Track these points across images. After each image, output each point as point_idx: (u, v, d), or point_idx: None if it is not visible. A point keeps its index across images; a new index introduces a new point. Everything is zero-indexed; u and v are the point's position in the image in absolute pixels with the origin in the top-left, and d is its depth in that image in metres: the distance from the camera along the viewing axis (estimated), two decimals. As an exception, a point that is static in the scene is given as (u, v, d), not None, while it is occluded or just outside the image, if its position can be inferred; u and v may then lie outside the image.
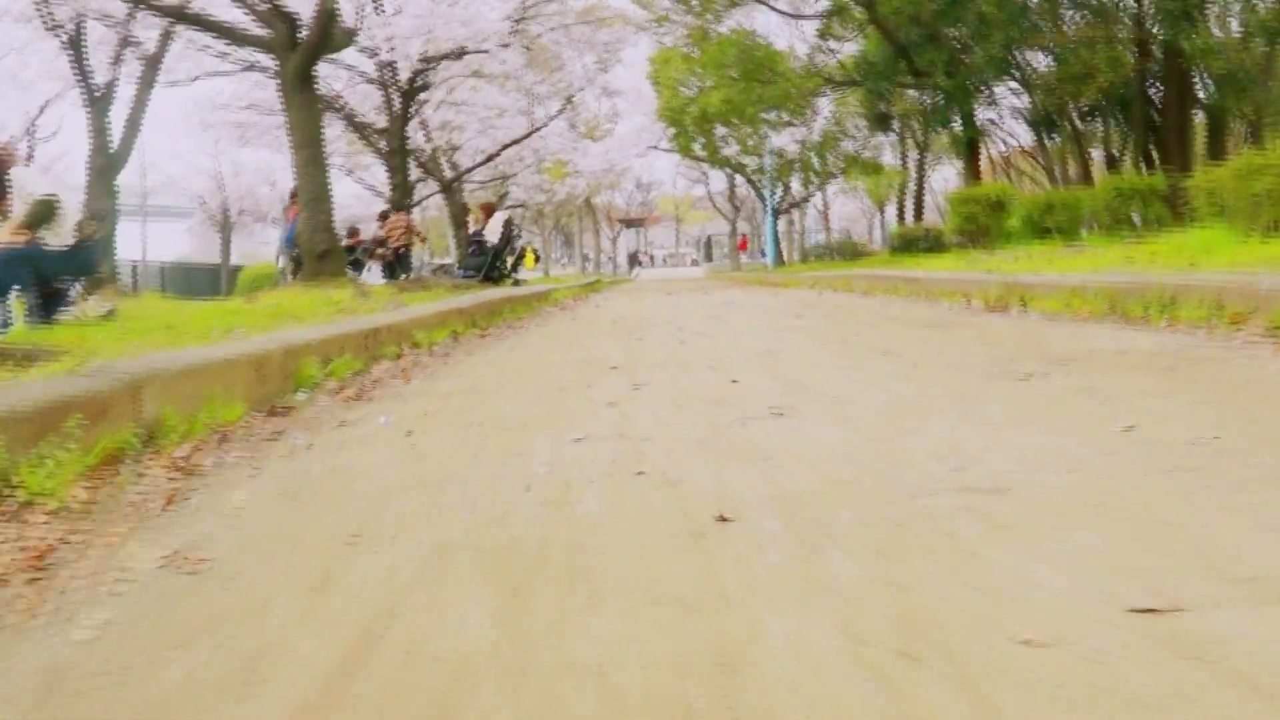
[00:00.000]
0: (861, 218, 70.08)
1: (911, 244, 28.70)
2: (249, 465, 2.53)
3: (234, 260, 37.12)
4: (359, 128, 18.79)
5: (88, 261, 7.00)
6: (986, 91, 24.18)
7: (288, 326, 5.42)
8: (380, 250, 16.21)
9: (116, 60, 13.63)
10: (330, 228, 9.04)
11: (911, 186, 39.95)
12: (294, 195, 18.22)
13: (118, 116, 14.59)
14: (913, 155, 39.72)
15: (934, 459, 2.23)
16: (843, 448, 2.43)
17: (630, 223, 70.14)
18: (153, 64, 13.73)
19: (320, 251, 8.87)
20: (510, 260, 22.70)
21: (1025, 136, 40.03)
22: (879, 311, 8.25)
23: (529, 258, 26.70)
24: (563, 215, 55.85)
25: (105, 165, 13.27)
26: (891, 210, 59.73)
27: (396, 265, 16.52)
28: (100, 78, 13.56)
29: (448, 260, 15.31)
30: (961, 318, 6.96)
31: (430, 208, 43.43)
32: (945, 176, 58.71)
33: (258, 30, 9.17)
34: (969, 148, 23.92)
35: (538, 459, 2.45)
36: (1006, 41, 19.93)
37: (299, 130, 8.91)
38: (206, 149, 30.36)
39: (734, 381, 3.85)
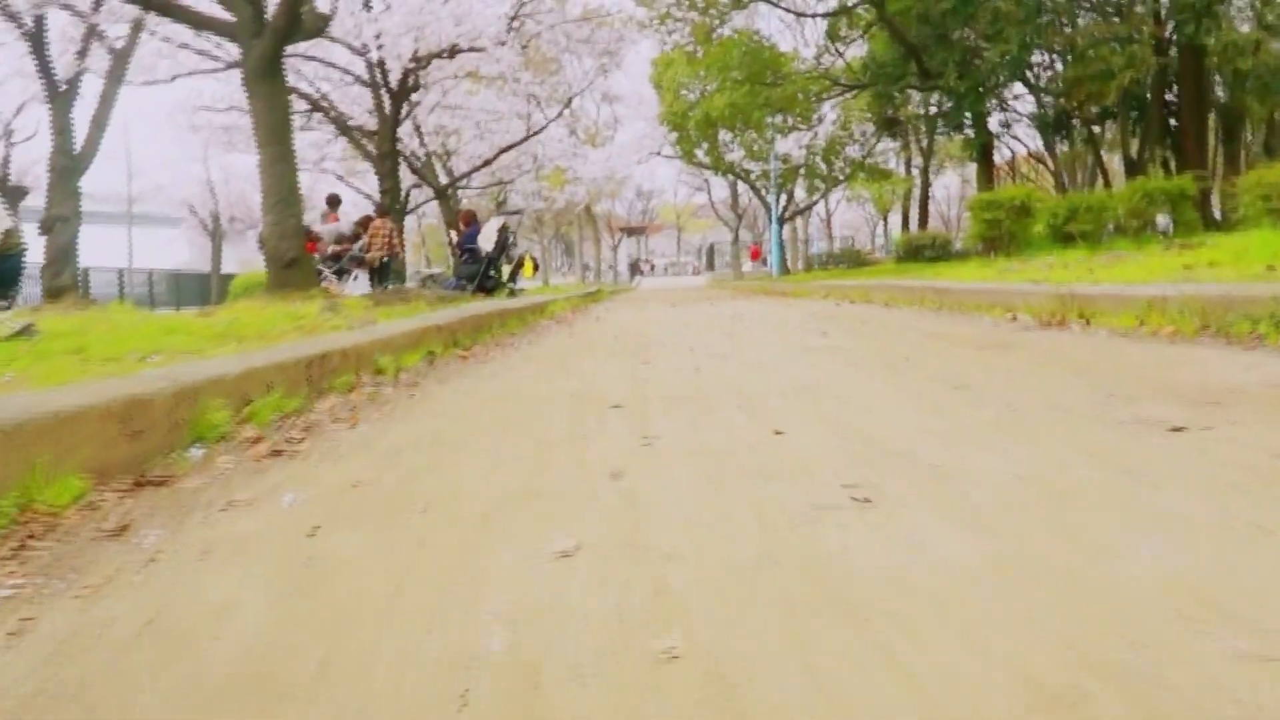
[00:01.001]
0: (864, 225, 69.38)
1: (917, 252, 27.83)
2: (26, 607, 1.57)
3: (231, 268, 36.24)
4: (346, 129, 17.86)
5: (8, 275, 6.06)
6: (1000, 93, 23.24)
7: (219, 349, 4.47)
8: (368, 257, 15.27)
9: (82, 54, 12.67)
10: (299, 233, 8.11)
11: (916, 193, 39.14)
12: (331, 203, 17.37)
13: (85, 115, 13.65)
14: (916, 162, 38.88)
15: (1197, 630, 1.28)
16: (1010, 593, 1.47)
17: (631, 231, 69.42)
18: (121, 59, 12.79)
19: (287, 259, 7.93)
20: (508, 269, 21.82)
21: (1030, 142, 39.27)
22: (915, 327, 7.30)
23: (528, 266, 25.75)
24: (563, 224, 55.01)
25: (68, 166, 12.33)
26: (895, 218, 59.10)
27: (383, 273, 15.58)
28: (64, 73, 12.59)
29: (437, 269, 14.36)
30: (1018, 335, 6.01)
31: (429, 214, 42.58)
32: (946, 184, 58.03)
33: (222, 14, 8.23)
34: (982, 152, 22.97)
35: (494, 607, 1.49)
36: (1024, 39, 19.02)
37: (264, 125, 7.97)
38: (195, 154, 29.40)
39: (778, 433, 2.90)
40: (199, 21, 8.22)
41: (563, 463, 2.62)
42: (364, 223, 16.10)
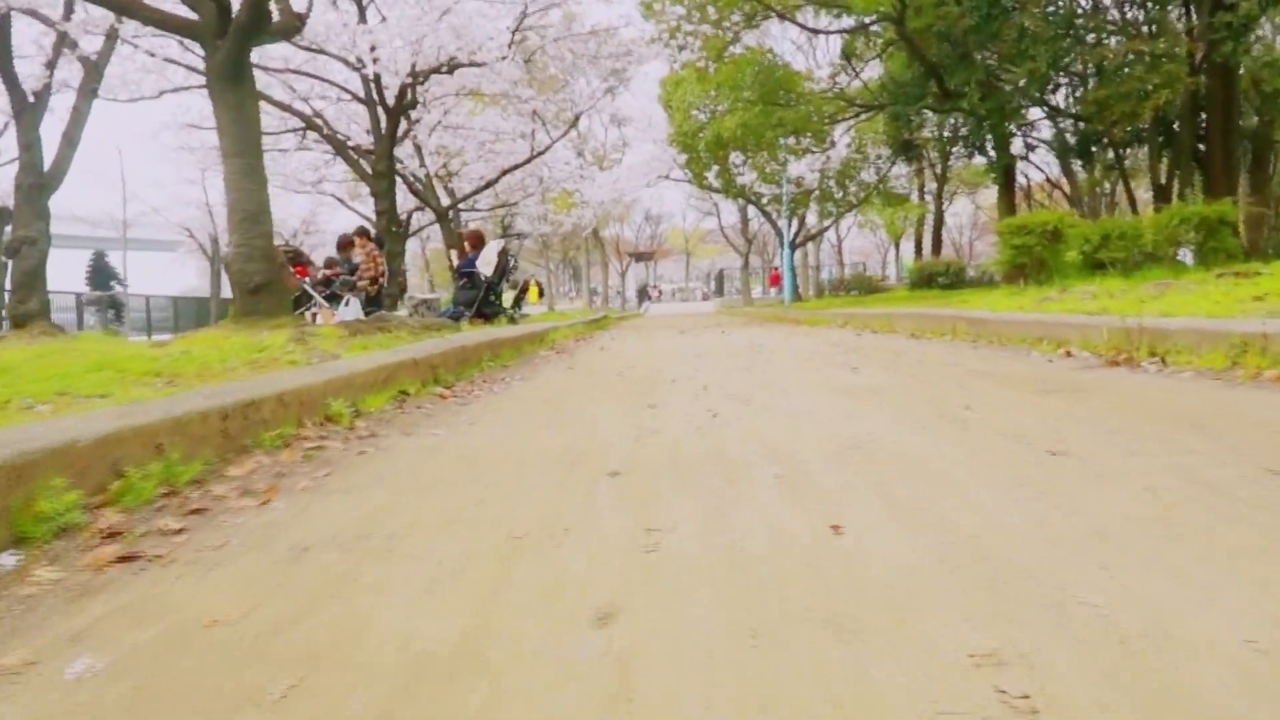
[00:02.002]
0: (875, 252, 68.67)
1: (931, 279, 27.07)
2: None
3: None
4: (341, 148, 17.10)
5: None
6: (1025, 114, 22.43)
7: (136, 392, 3.65)
8: (360, 283, 14.48)
9: (51, 65, 11.92)
10: (269, 255, 7.30)
11: (928, 219, 38.35)
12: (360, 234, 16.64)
13: (56, 131, 12.89)
14: (929, 187, 38.12)
15: None
16: None
17: (639, 256, 68.80)
18: (93, 71, 12.02)
19: (254, 284, 7.12)
20: (512, 295, 21.04)
21: (1045, 169, 38.50)
22: (956, 362, 6.46)
23: (533, 291, 24.94)
24: (570, 248, 54.34)
25: (35, 185, 11.54)
26: (906, 245, 58.35)
27: (377, 299, 14.79)
28: (32, 84, 11.82)
29: (431, 295, 13.59)
30: (1084, 375, 5.17)
31: (434, 238, 41.86)
32: (957, 211, 57.26)
33: (185, 13, 7.45)
34: (1005, 174, 22.16)
35: None
36: (1051, 57, 18.23)
37: (230, 134, 7.17)
38: (190, 175, 28.70)
39: (836, 529, 2.06)
40: (159, 20, 7.44)
41: (527, 586, 1.77)
42: (343, 247, 15.34)
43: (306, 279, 14.95)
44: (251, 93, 7.45)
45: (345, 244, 15.75)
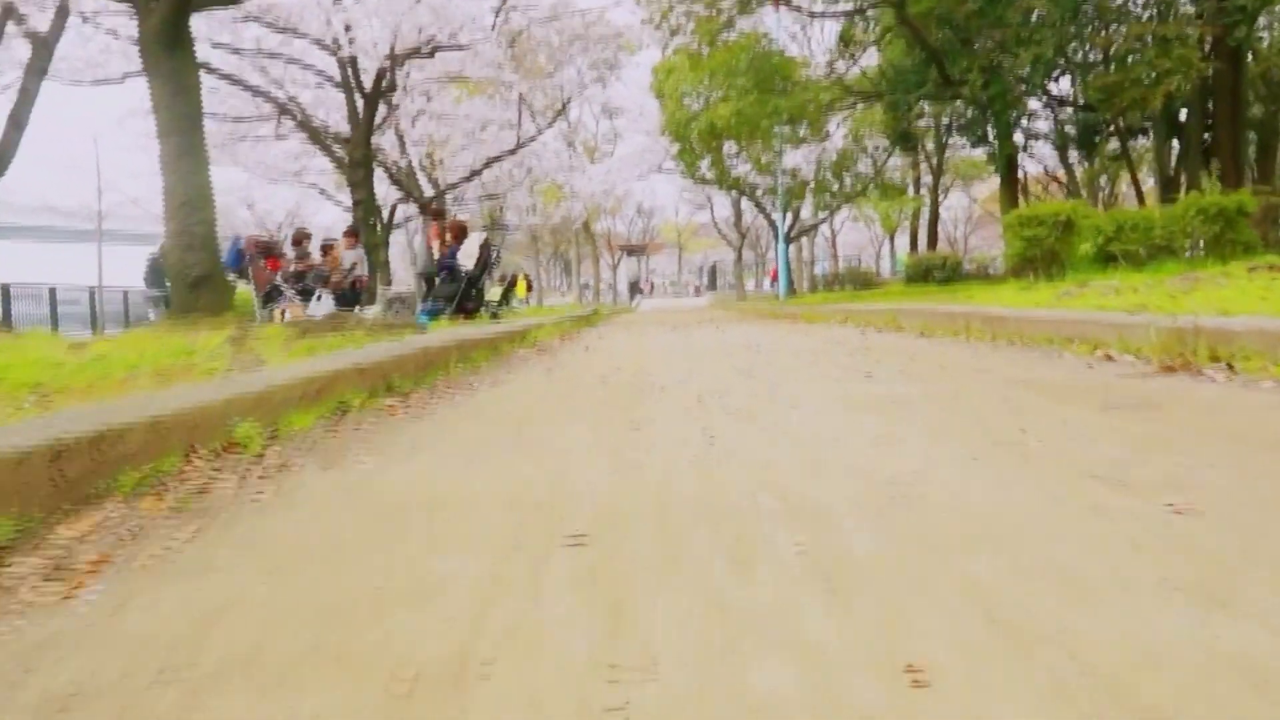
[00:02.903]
0: (869, 246, 67.87)
1: (927, 273, 26.31)
2: None
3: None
4: (315, 134, 16.29)
5: None
6: (1028, 102, 21.66)
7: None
8: (334, 279, 13.69)
9: (-6, 42, 11.10)
10: (211, 245, 6.53)
11: (925, 212, 37.59)
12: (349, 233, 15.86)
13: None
14: (925, 180, 37.36)
15: None
16: None
17: (631, 250, 68.05)
18: (42, 48, 11.19)
19: (194, 277, 6.34)
20: (499, 290, 20.23)
21: (1044, 162, 37.73)
22: (983, 367, 5.70)
23: (520, 286, 24.17)
24: (561, 241, 53.55)
25: (-22, 171, 10.72)
26: (900, 239, 57.56)
27: (352, 296, 14.00)
28: (-25, 65, 11.01)
29: (407, 290, 12.80)
30: (1143, 385, 4.41)
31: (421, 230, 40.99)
32: (950, 205, 56.47)
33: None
34: (1008, 165, 21.40)
35: None
36: (1059, 41, 17.47)
37: (166, 109, 6.40)
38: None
39: (915, 678, 1.29)
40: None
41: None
42: (298, 239, 14.56)
43: (279, 273, 14.14)
44: (190, 62, 6.65)
45: (300, 237, 14.95)
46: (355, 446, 3.47)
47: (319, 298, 13.22)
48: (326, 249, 14.42)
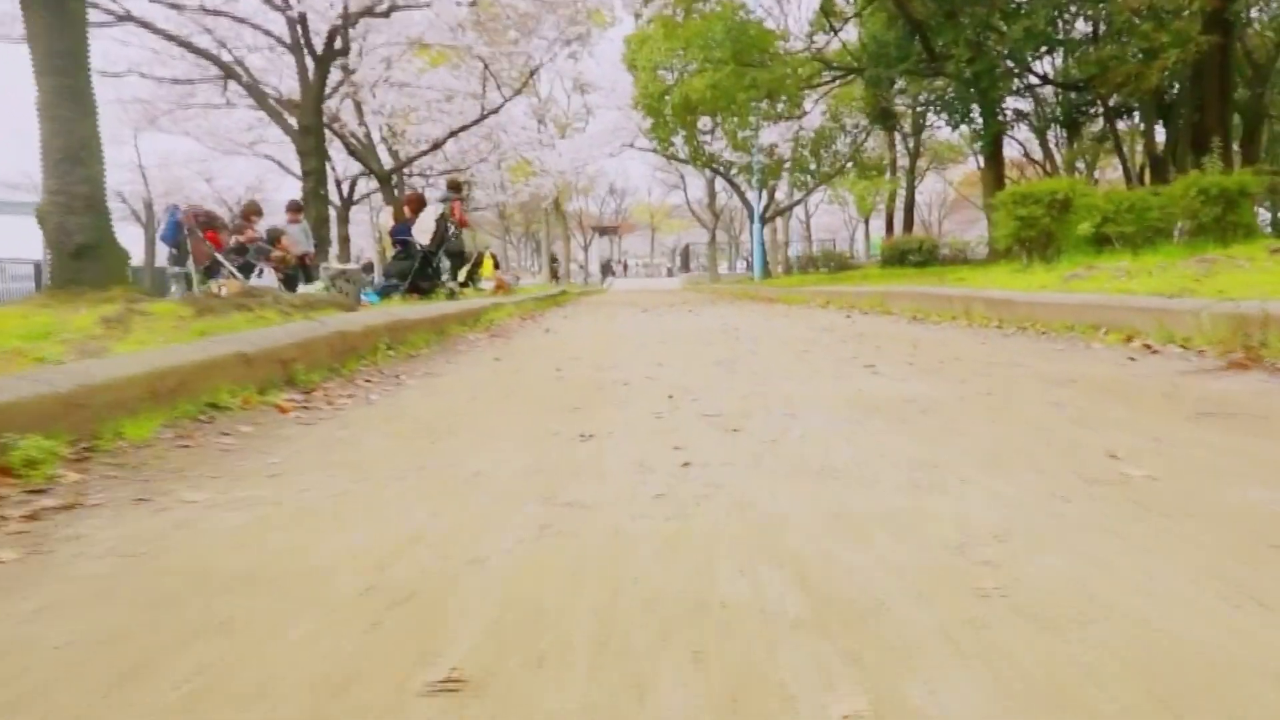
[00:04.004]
0: (843, 229, 67.11)
1: (903, 256, 25.58)
2: None
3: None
4: (261, 97, 15.21)
5: None
6: (1014, 79, 20.81)
7: None
8: (276, 256, 12.68)
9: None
10: (98, 207, 5.55)
11: (902, 195, 36.78)
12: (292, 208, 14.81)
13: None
14: (901, 163, 36.52)
15: None
16: None
17: (603, 230, 67.12)
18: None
19: (76, 246, 5.36)
20: (462, 269, 19.24)
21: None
22: (1007, 360, 4.82)
23: (487, 264, 23.08)
24: (532, 221, 52.46)
25: None
26: (875, 222, 56.72)
27: (298, 275, 12.98)
28: None
29: (351, 265, 11.83)
30: (1221, 385, 3.55)
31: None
32: (925, 188, 55.70)
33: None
34: (993, 144, 20.58)
35: None
36: (1051, 13, 16.61)
37: (43, 44, 5.38)
38: (118, 134, 26.41)
39: None
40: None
41: None
42: (246, 213, 13.56)
43: (217, 246, 13.11)
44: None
45: (250, 211, 13.93)
46: (201, 465, 2.54)
47: (260, 274, 12.21)
48: (275, 240, 13.38)
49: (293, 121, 15.03)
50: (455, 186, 17.36)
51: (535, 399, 3.90)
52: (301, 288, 11.12)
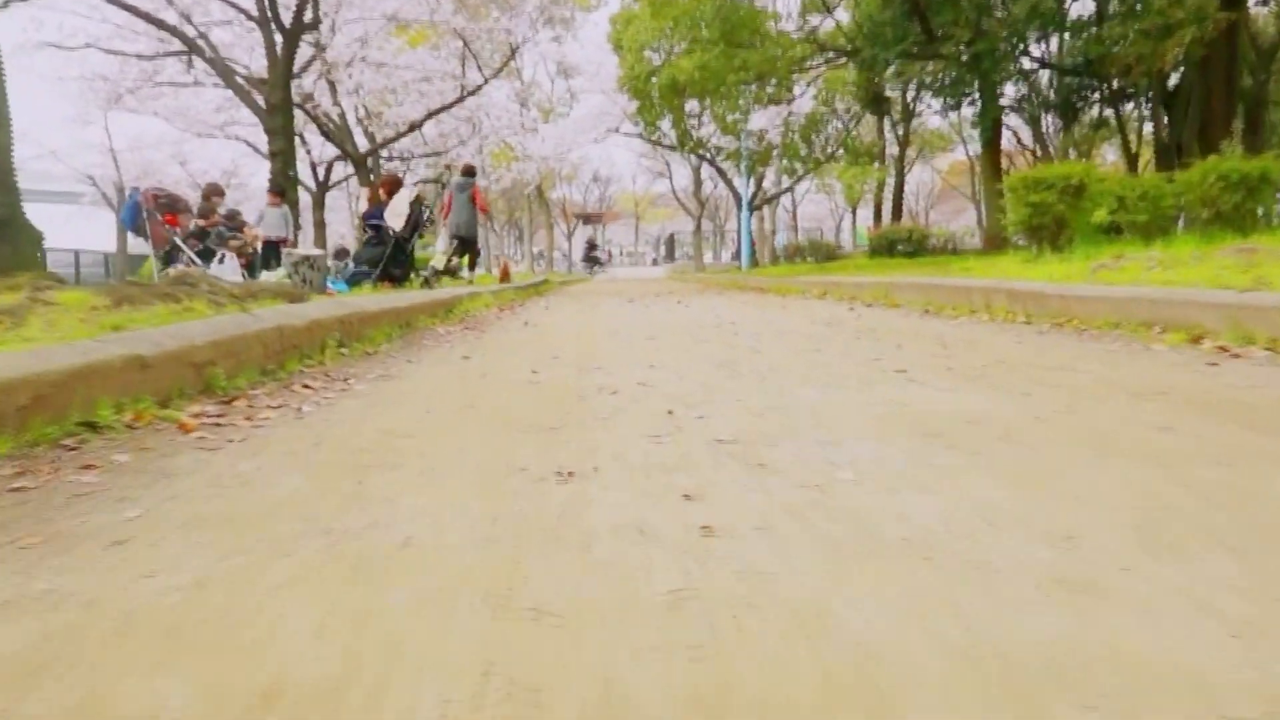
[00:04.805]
0: (829, 218, 66.45)
1: (892, 246, 24.93)
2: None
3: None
4: (226, 73, 14.38)
5: None
6: (1016, 61, 20.11)
7: None
8: (233, 242, 11.90)
9: None
10: (6, 182, 4.76)
11: (890, 183, 36.10)
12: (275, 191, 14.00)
13: None
14: (891, 152, 35.83)
15: None
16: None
17: (587, 219, 66.37)
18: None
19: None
20: (444, 257, 18.52)
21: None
22: (1060, 364, 4.11)
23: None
24: (515, 208, 51.63)
25: None
26: (863, 212, 56.04)
27: (261, 261, 12.22)
28: None
29: (316, 251, 11.06)
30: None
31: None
32: (914, 178, 55.11)
33: None
34: (992, 129, 19.89)
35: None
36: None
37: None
38: (86, 115, 25.39)
39: None
40: None
41: None
42: (208, 194, 12.79)
43: (176, 229, 12.32)
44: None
45: (210, 192, 13.15)
46: (16, 527, 1.80)
47: (221, 259, 11.42)
48: (233, 219, 12.60)
49: (260, 100, 14.22)
50: (471, 171, 16.71)
51: (504, 413, 3.17)
52: (263, 275, 10.36)
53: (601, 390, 3.64)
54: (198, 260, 11.83)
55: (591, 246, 41.93)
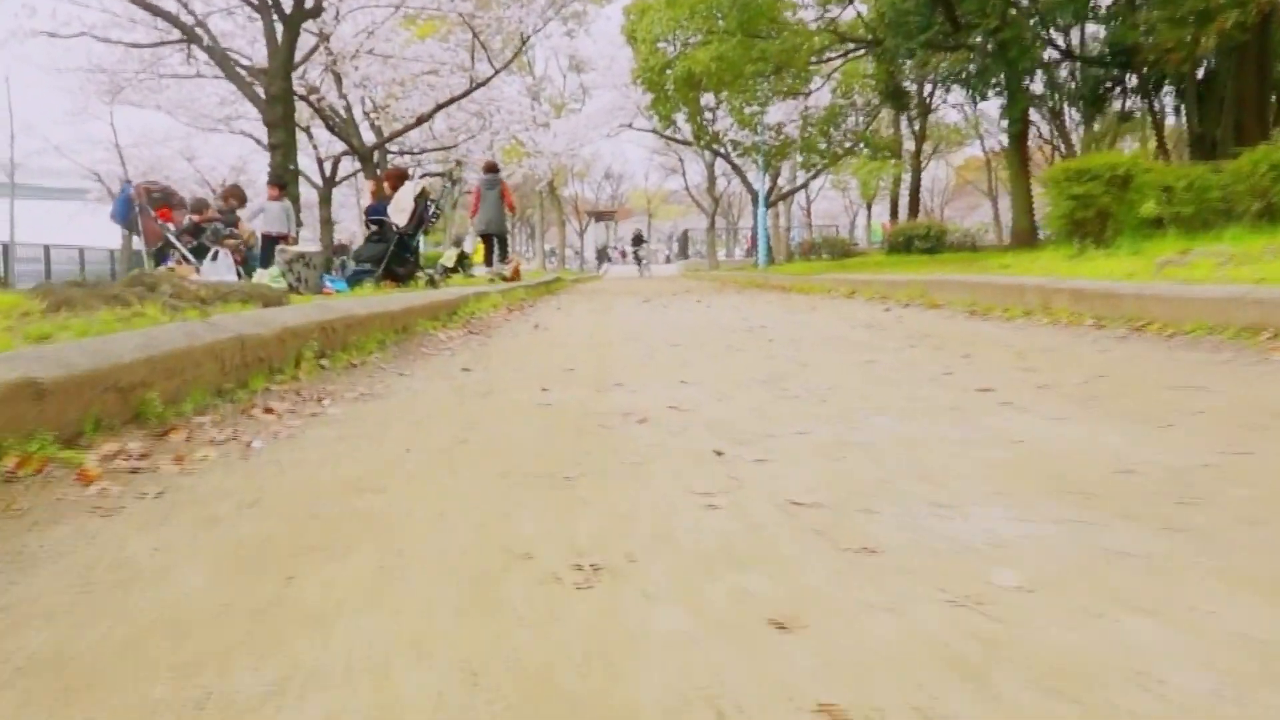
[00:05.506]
0: (843, 215, 65.66)
1: (910, 243, 24.26)
2: None
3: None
4: (225, 61, 13.74)
5: None
6: (1043, 50, 19.35)
7: None
8: (229, 240, 11.27)
9: None
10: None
11: (907, 179, 35.32)
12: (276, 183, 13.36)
13: None
14: (908, 147, 35.04)
15: None
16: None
17: (599, 216, 65.71)
18: None
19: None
20: (454, 254, 17.92)
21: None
22: (1177, 381, 3.42)
23: (477, 250, 21.68)
24: (527, 205, 51.01)
25: None
26: (878, 209, 55.19)
27: (257, 259, 11.60)
28: None
29: (312, 249, 10.43)
30: None
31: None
32: (930, 174, 54.29)
33: None
34: (1020, 121, 19.13)
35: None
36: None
37: None
38: (93, 110, 24.77)
39: None
40: None
41: None
42: (226, 195, 12.16)
43: (170, 225, 11.70)
44: None
45: (229, 194, 12.56)
46: None
47: (214, 257, 10.77)
48: (229, 214, 11.98)
49: (260, 91, 13.57)
50: (494, 168, 16.26)
51: (504, 451, 2.49)
52: (258, 274, 9.71)
53: (627, 417, 2.96)
54: (190, 257, 11.22)
55: (638, 240, 40.42)
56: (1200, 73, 19.24)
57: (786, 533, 1.68)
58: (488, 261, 17.22)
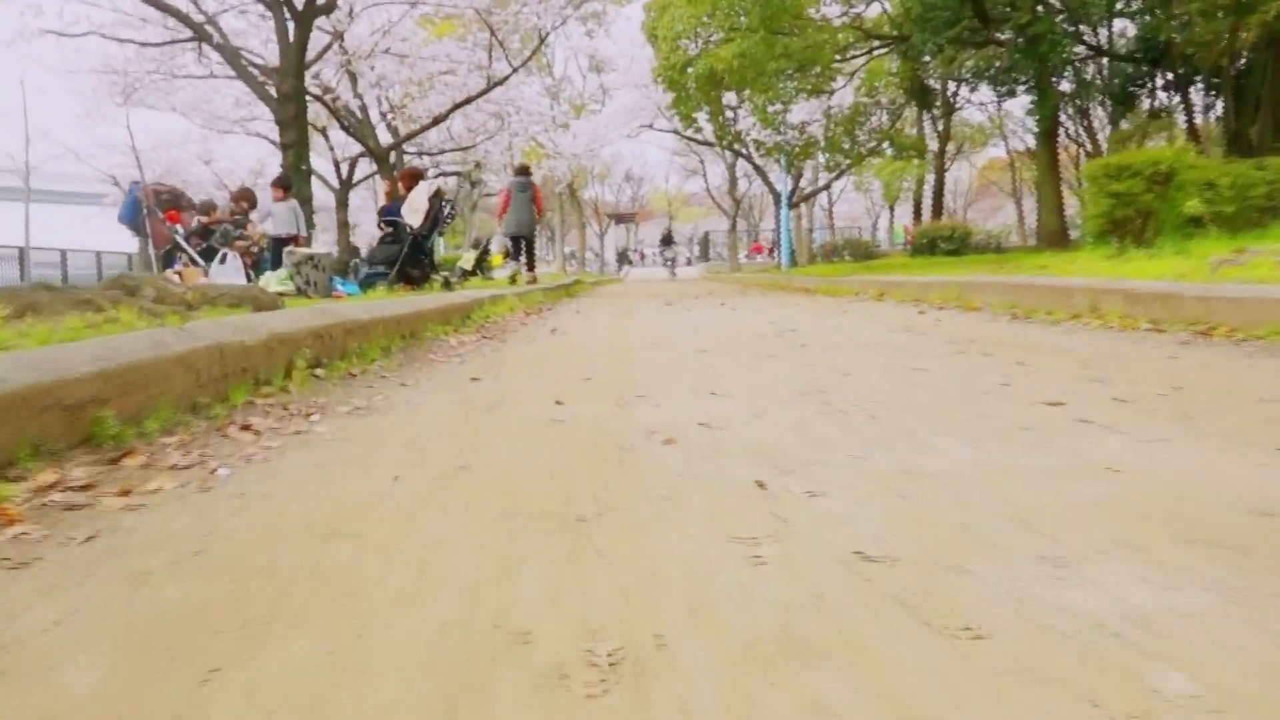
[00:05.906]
0: (865, 217, 65.14)
1: (934, 244, 23.79)
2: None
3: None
4: (236, 59, 13.46)
5: None
6: (1073, 45, 18.88)
7: None
8: (239, 242, 10.96)
9: None
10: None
11: (930, 180, 34.85)
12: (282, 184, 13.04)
13: None
14: (932, 147, 34.58)
15: None
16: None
17: (620, 218, 65.36)
18: None
19: None
20: (472, 255, 17.62)
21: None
22: (1268, 394, 3.02)
23: (495, 255, 21.39)
24: (547, 208, 50.76)
25: None
26: (900, 210, 54.68)
27: (267, 260, 11.30)
28: None
29: (321, 250, 10.13)
30: None
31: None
32: (952, 175, 53.69)
33: None
34: (1050, 118, 18.68)
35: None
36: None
37: None
38: (106, 112, 24.54)
39: None
40: None
41: None
42: (237, 197, 11.87)
43: (177, 227, 11.43)
44: None
45: (240, 197, 12.28)
46: None
47: (223, 259, 10.47)
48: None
49: (273, 90, 13.29)
50: (526, 170, 15.91)
51: (508, 482, 2.12)
52: (265, 276, 9.40)
53: (651, 437, 2.58)
54: (199, 260, 10.92)
55: (667, 240, 39.61)
56: (1240, 66, 18.79)
57: (859, 603, 1.30)
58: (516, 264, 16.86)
